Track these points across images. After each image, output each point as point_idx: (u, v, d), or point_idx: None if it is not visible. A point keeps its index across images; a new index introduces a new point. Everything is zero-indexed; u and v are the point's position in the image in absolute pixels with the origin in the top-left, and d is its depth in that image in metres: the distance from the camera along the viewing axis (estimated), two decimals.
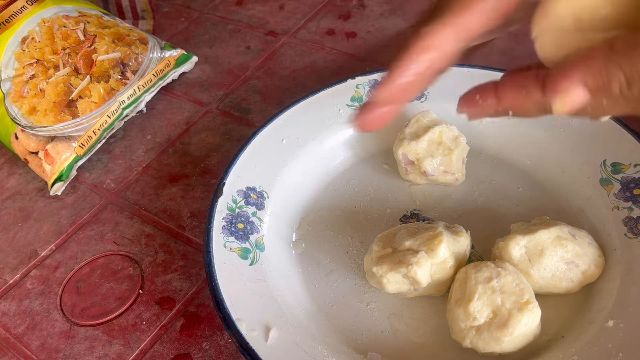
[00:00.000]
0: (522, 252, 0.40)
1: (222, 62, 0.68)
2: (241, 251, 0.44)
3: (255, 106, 0.62)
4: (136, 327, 0.45)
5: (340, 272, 0.45)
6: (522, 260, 0.40)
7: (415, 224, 0.44)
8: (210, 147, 0.58)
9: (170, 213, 0.53)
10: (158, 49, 0.63)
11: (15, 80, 0.58)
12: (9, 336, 0.46)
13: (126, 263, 0.49)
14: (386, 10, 0.71)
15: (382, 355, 0.40)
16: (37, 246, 0.52)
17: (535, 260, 0.40)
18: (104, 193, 0.56)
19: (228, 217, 0.45)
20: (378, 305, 0.43)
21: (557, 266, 0.40)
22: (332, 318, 0.42)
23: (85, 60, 0.59)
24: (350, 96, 0.54)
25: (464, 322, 0.38)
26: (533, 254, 0.40)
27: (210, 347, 0.43)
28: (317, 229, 0.48)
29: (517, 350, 0.37)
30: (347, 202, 0.50)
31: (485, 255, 0.44)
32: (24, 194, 0.57)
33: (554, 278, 0.40)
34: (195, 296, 0.46)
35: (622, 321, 0.37)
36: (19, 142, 0.57)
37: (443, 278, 0.40)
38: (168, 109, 0.63)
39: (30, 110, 0.56)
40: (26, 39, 0.59)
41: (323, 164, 0.52)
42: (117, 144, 0.60)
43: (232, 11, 0.76)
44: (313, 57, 0.66)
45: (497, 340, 0.37)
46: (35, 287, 0.49)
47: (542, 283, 0.40)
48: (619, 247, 0.42)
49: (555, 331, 0.40)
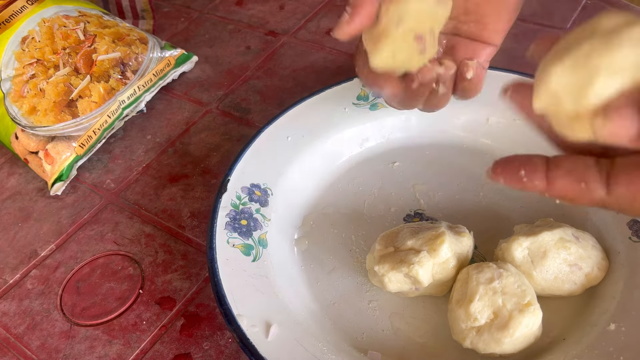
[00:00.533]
0: (525, 254, 0.40)
1: (222, 62, 0.68)
2: (244, 247, 0.44)
3: (255, 106, 0.61)
4: (136, 327, 0.45)
5: (343, 271, 0.45)
6: (524, 262, 0.40)
7: (418, 223, 0.44)
8: (210, 147, 0.58)
9: (170, 213, 0.52)
10: (158, 48, 0.63)
11: (16, 80, 0.57)
12: (9, 336, 0.46)
13: (126, 263, 0.49)
14: None
15: (382, 354, 0.40)
16: (37, 246, 0.52)
17: (537, 262, 0.40)
18: (104, 193, 0.55)
19: (232, 213, 0.45)
20: (379, 304, 0.43)
21: (559, 268, 0.40)
22: (333, 316, 0.42)
23: (85, 60, 0.59)
24: (356, 95, 0.54)
25: (464, 323, 0.38)
26: (536, 255, 0.40)
27: (211, 347, 0.43)
28: (321, 226, 0.48)
29: (517, 351, 0.37)
30: (351, 201, 0.50)
31: (488, 256, 0.44)
32: (24, 194, 0.57)
33: (556, 280, 0.40)
34: (196, 296, 0.46)
35: (624, 325, 0.37)
36: (19, 142, 0.56)
37: (445, 278, 0.40)
38: (168, 109, 0.63)
39: (30, 110, 0.56)
40: (26, 38, 0.59)
41: (328, 162, 0.52)
42: (117, 144, 0.60)
43: (232, 11, 0.76)
44: (313, 57, 0.66)
45: (498, 342, 0.37)
46: (36, 287, 0.49)
47: (545, 285, 0.40)
48: (622, 250, 0.42)
49: (556, 333, 0.40)
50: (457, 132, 0.52)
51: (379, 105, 0.53)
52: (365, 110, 0.53)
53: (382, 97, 0.43)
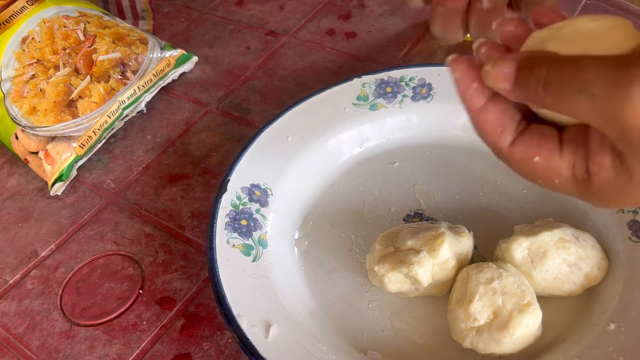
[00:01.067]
0: (525, 254, 0.40)
1: (222, 62, 0.68)
2: (244, 248, 0.44)
3: (255, 106, 0.61)
4: (136, 327, 0.45)
5: (343, 271, 0.45)
6: (524, 262, 0.40)
7: (418, 223, 0.44)
8: (210, 147, 0.58)
9: (170, 213, 0.52)
10: (158, 49, 0.63)
11: (16, 80, 0.57)
12: (9, 336, 0.46)
13: (126, 263, 0.49)
14: (386, 10, 0.71)
15: (382, 354, 0.40)
16: (37, 246, 0.52)
17: (537, 262, 0.40)
18: (104, 193, 0.55)
19: (232, 213, 0.45)
20: (379, 304, 0.43)
21: (559, 268, 0.40)
22: (333, 316, 0.42)
23: (85, 60, 0.59)
24: (356, 95, 0.54)
25: (464, 323, 0.38)
26: (535, 255, 0.40)
27: (211, 347, 0.43)
28: (321, 227, 0.48)
29: (517, 352, 0.37)
30: (351, 201, 0.50)
31: (488, 257, 0.44)
32: (24, 194, 0.57)
33: (556, 280, 0.40)
34: (196, 296, 0.46)
35: (624, 325, 0.37)
36: (19, 142, 0.56)
37: (444, 278, 0.40)
38: (168, 109, 0.63)
39: (30, 110, 0.56)
40: (26, 39, 0.59)
41: (328, 162, 0.52)
42: (117, 144, 0.60)
43: (232, 11, 0.76)
44: (313, 57, 0.66)
45: (497, 342, 0.37)
46: (36, 287, 0.49)
47: (544, 285, 0.40)
48: (622, 251, 0.42)
49: (556, 333, 0.40)
50: (457, 132, 0.52)
51: (379, 106, 0.53)
52: (365, 110, 0.53)
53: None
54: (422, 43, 0.65)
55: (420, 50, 0.64)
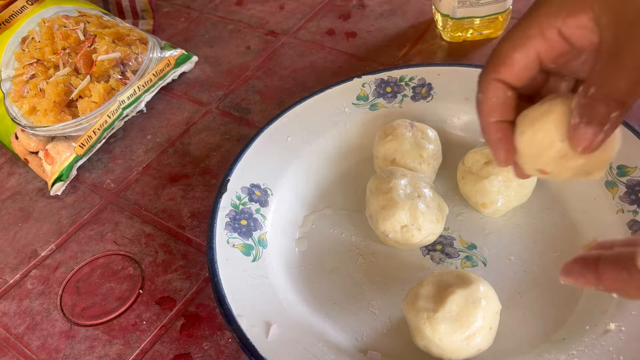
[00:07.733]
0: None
1: (222, 62, 0.68)
2: (244, 247, 0.44)
3: (255, 106, 0.61)
4: (136, 327, 0.45)
5: (343, 271, 0.45)
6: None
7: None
8: (210, 147, 0.58)
9: (170, 213, 0.52)
10: (158, 48, 0.63)
11: (16, 80, 0.57)
12: (9, 336, 0.46)
13: (126, 263, 0.49)
14: (386, 10, 0.71)
15: (382, 354, 0.40)
16: (37, 246, 0.52)
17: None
18: (104, 193, 0.55)
19: (232, 213, 0.45)
20: (379, 304, 0.43)
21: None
22: (332, 316, 0.42)
23: (85, 60, 0.59)
24: (356, 95, 0.54)
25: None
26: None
27: (211, 347, 0.43)
28: (321, 227, 0.48)
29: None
30: (351, 201, 0.50)
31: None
32: (24, 194, 0.57)
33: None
34: (196, 296, 0.46)
35: (624, 324, 0.37)
36: (19, 142, 0.56)
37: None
38: (168, 109, 0.63)
39: (30, 110, 0.56)
40: (26, 38, 0.59)
41: (328, 162, 0.52)
42: (117, 144, 0.60)
43: (232, 11, 0.76)
44: (313, 57, 0.66)
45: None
46: (36, 287, 0.49)
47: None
48: None
49: (556, 333, 0.40)
50: (457, 132, 0.53)
51: (379, 105, 0.53)
52: (365, 110, 0.53)
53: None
54: (422, 43, 0.65)
55: (420, 50, 0.64)
